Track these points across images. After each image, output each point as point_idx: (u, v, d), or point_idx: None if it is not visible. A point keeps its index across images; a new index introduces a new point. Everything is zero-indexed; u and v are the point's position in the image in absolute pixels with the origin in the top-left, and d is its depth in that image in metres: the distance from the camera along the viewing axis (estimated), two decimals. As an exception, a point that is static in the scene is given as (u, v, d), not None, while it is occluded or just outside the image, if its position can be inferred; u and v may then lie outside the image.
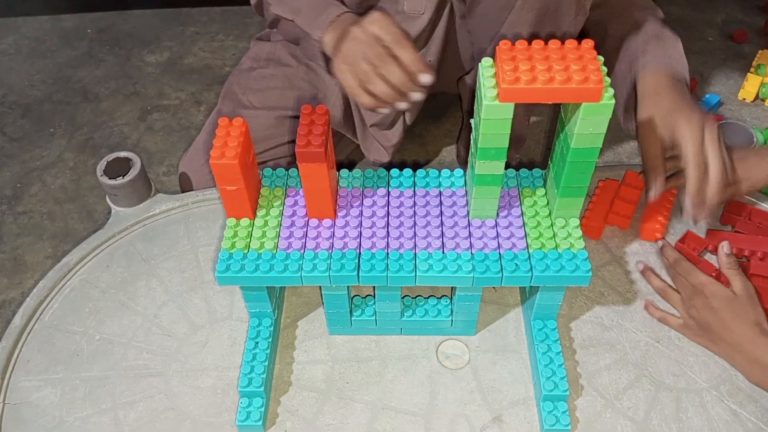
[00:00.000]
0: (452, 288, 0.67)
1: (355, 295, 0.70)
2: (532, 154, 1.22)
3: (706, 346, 0.67)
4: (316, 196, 0.61)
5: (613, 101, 0.51)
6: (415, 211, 0.63)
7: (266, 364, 0.64)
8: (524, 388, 0.66)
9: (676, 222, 0.79)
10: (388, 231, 0.62)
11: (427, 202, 0.64)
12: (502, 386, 0.66)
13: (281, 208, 0.64)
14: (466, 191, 0.65)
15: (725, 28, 1.74)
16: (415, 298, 0.69)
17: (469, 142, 0.62)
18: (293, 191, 0.66)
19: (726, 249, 0.69)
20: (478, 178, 0.58)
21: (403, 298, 0.68)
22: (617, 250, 0.78)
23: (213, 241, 0.80)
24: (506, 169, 0.61)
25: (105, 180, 0.80)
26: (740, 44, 1.70)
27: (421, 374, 0.67)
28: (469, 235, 0.61)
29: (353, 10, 0.82)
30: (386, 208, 0.64)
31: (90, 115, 1.49)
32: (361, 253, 0.60)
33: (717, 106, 1.53)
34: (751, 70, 1.53)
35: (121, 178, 0.80)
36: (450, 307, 0.68)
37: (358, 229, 0.62)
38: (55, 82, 1.59)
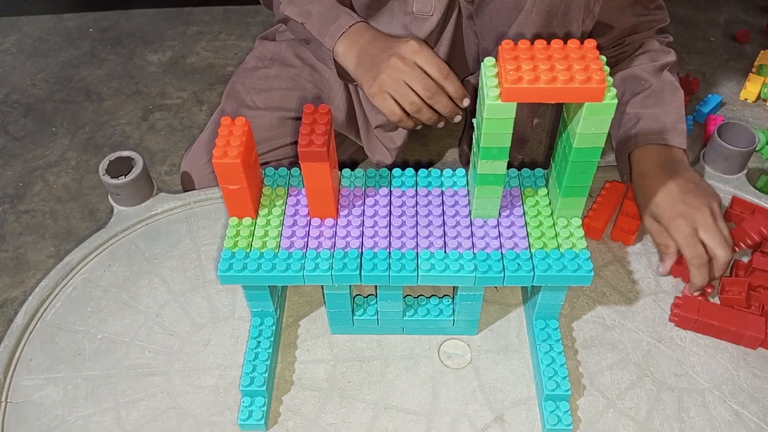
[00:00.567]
0: (454, 288, 0.67)
1: (357, 295, 0.70)
2: (534, 154, 1.22)
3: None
4: (318, 195, 0.61)
5: (616, 101, 0.51)
6: (417, 211, 0.63)
7: (268, 363, 0.64)
8: (526, 387, 0.66)
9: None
10: (390, 230, 0.62)
11: (429, 202, 0.64)
12: (504, 386, 0.66)
13: (283, 208, 0.64)
14: (468, 191, 0.65)
15: (728, 28, 1.74)
16: (417, 298, 0.70)
17: (471, 141, 0.62)
18: (295, 191, 0.66)
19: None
20: (481, 178, 0.58)
21: (405, 298, 0.68)
22: (619, 250, 0.78)
23: (215, 241, 0.80)
24: (508, 168, 0.61)
25: (107, 179, 0.80)
26: (742, 44, 1.69)
27: (423, 374, 0.67)
28: (471, 235, 0.61)
29: (363, 11, 0.83)
30: (388, 208, 0.64)
31: (92, 115, 1.49)
32: (363, 253, 0.60)
33: (719, 106, 1.53)
34: (753, 70, 1.52)
35: (124, 177, 0.80)
36: (452, 306, 0.68)
37: (361, 229, 0.62)
38: (58, 81, 1.59)
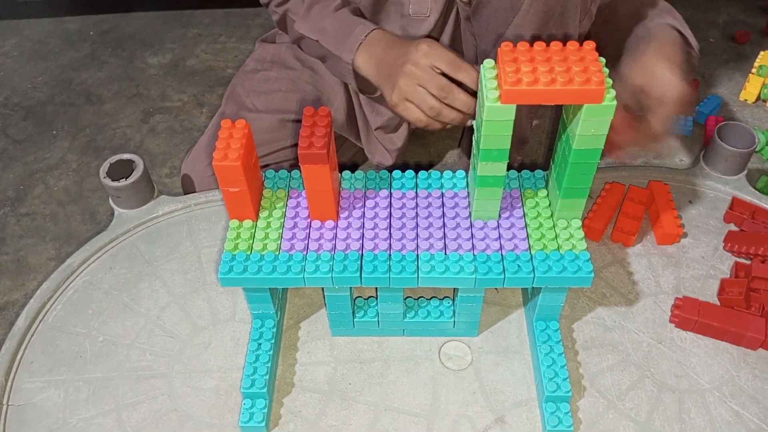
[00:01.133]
0: (454, 289, 0.68)
1: (357, 297, 0.70)
2: (533, 155, 1.22)
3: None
4: (318, 197, 0.61)
5: (615, 102, 0.51)
6: (417, 213, 0.64)
7: (269, 365, 0.64)
8: (527, 389, 0.66)
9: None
10: (390, 232, 0.62)
11: (429, 204, 0.64)
12: (505, 387, 0.66)
13: (284, 210, 0.64)
14: (468, 192, 0.65)
15: (727, 29, 1.74)
16: (418, 300, 0.70)
17: (470, 144, 0.62)
18: (296, 193, 0.66)
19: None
20: (480, 180, 0.58)
21: (406, 300, 0.68)
22: (619, 251, 0.78)
23: (216, 243, 0.80)
24: (508, 170, 0.61)
25: (108, 182, 0.80)
26: (742, 45, 1.70)
27: (424, 375, 0.67)
28: (472, 237, 0.61)
29: (368, 13, 0.82)
30: (388, 210, 0.64)
31: (93, 117, 1.49)
32: (363, 255, 0.60)
33: (718, 107, 1.53)
34: (753, 71, 1.52)
35: (124, 179, 0.80)
36: (452, 308, 0.68)
37: (361, 231, 0.62)
38: (58, 84, 1.59)
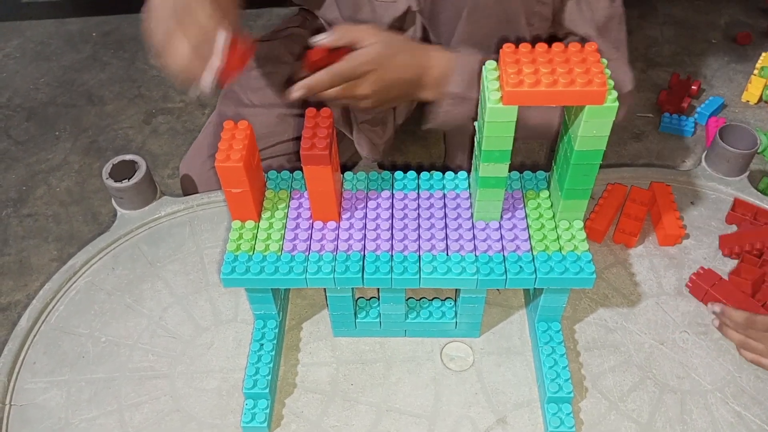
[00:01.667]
0: (456, 290, 0.68)
1: (359, 297, 0.70)
2: (535, 157, 1.22)
3: None
4: (320, 198, 0.61)
5: (617, 104, 0.52)
6: (419, 214, 0.64)
7: (271, 366, 0.64)
8: (528, 390, 0.66)
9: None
10: (392, 233, 0.62)
11: (431, 205, 0.64)
12: (507, 388, 0.66)
13: (286, 211, 0.64)
14: (470, 193, 0.65)
15: (728, 31, 1.74)
16: (420, 300, 0.70)
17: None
18: (298, 194, 0.66)
19: (716, 309, 0.69)
20: (482, 181, 0.58)
21: (408, 300, 0.68)
22: (621, 252, 0.78)
23: (218, 244, 0.80)
24: (510, 171, 0.61)
25: (110, 183, 0.80)
26: (743, 46, 1.70)
27: (426, 376, 0.67)
28: (473, 238, 0.61)
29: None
30: (390, 211, 0.64)
31: (95, 118, 1.50)
32: (365, 256, 0.60)
33: (720, 108, 1.53)
34: (755, 72, 1.53)
35: (127, 180, 0.80)
36: (454, 309, 0.68)
37: (363, 232, 0.62)
38: (60, 86, 1.59)
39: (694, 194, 0.84)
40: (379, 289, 0.65)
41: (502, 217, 0.63)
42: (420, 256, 0.60)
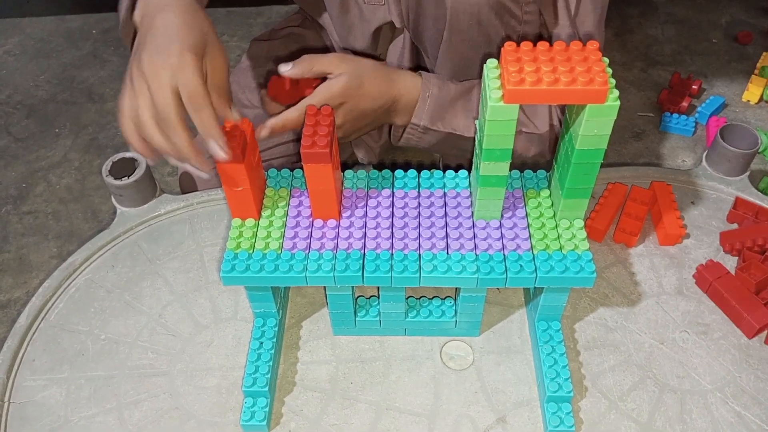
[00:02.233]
0: (456, 289, 0.68)
1: (359, 296, 0.70)
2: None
3: None
4: (320, 196, 0.61)
5: (618, 102, 0.51)
6: (419, 212, 0.64)
7: (270, 364, 0.64)
8: (528, 389, 0.66)
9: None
10: (392, 232, 0.62)
11: (432, 203, 0.64)
12: (506, 387, 0.66)
13: (286, 209, 0.64)
14: (471, 192, 0.65)
15: (729, 30, 1.74)
16: (420, 299, 0.70)
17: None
18: (298, 192, 0.66)
19: None
20: (483, 179, 0.58)
21: (408, 299, 0.68)
22: (621, 251, 0.78)
23: (218, 242, 0.80)
24: (510, 170, 0.61)
25: (110, 180, 0.80)
26: (744, 46, 1.69)
27: (425, 375, 0.67)
28: (474, 236, 0.61)
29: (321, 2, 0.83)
30: (391, 209, 0.64)
31: (95, 116, 1.50)
32: (365, 254, 0.60)
33: (721, 107, 1.53)
34: (756, 72, 1.52)
35: (127, 178, 0.80)
36: (454, 308, 0.68)
37: (363, 230, 0.62)
38: (60, 83, 1.59)
39: (695, 194, 0.84)
40: (379, 288, 0.65)
41: (502, 215, 0.63)
42: (420, 255, 0.60)
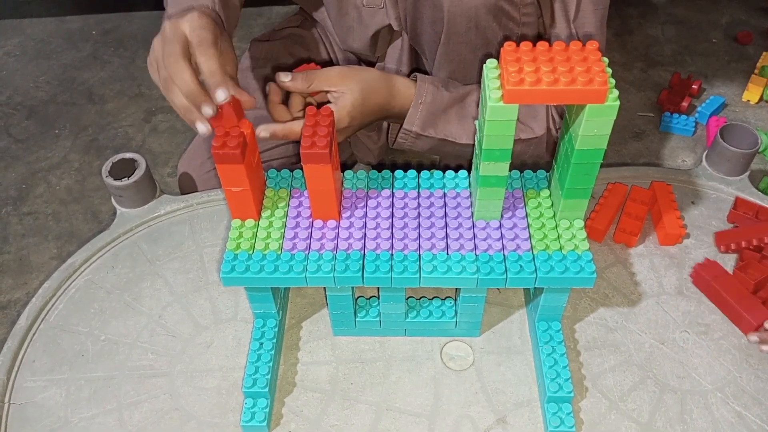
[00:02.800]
0: (456, 289, 0.67)
1: (359, 296, 0.70)
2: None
3: None
4: (320, 197, 0.61)
5: (618, 102, 0.51)
6: (419, 213, 0.64)
7: (271, 364, 0.64)
8: (528, 389, 0.66)
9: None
10: (392, 232, 0.62)
11: (432, 204, 0.64)
12: (507, 388, 0.66)
13: (286, 209, 0.64)
14: (470, 192, 0.65)
15: (729, 30, 1.74)
16: (420, 300, 0.70)
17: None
18: (298, 192, 0.66)
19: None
20: (483, 180, 0.58)
21: (408, 300, 0.68)
22: (621, 251, 0.78)
23: (218, 242, 0.80)
24: (510, 170, 0.61)
25: (110, 181, 0.80)
26: (744, 46, 1.69)
27: (426, 375, 0.67)
28: (474, 237, 0.61)
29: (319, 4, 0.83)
30: (391, 210, 0.64)
31: (95, 117, 1.50)
32: (365, 254, 0.60)
33: (721, 107, 1.53)
34: (756, 71, 1.52)
35: (127, 179, 0.80)
36: (454, 308, 0.68)
37: (363, 230, 0.62)
38: (60, 84, 1.59)
39: (695, 194, 0.84)
40: (379, 288, 0.65)
41: (502, 216, 0.63)
42: (420, 255, 0.60)
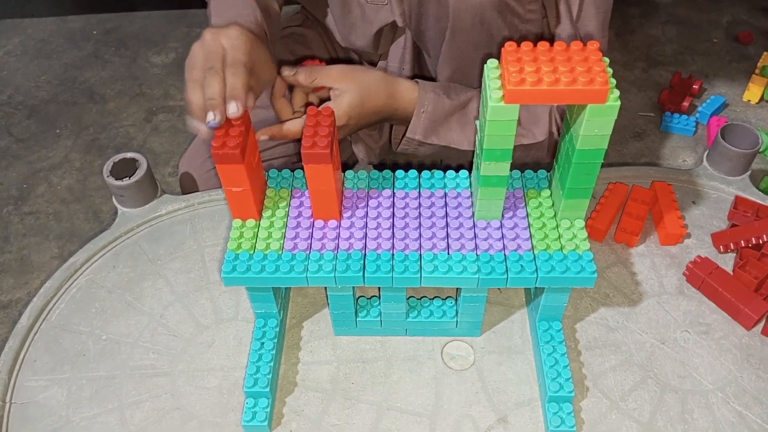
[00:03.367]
0: (457, 289, 0.68)
1: (360, 296, 0.70)
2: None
3: None
4: (321, 197, 0.61)
5: (619, 102, 0.51)
6: (420, 213, 0.64)
7: (272, 364, 0.64)
8: (529, 389, 0.66)
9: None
10: (393, 232, 0.62)
11: (432, 203, 0.64)
12: (508, 387, 0.66)
13: (287, 209, 0.64)
14: (471, 192, 0.65)
15: (730, 30, 1.74)
16: (421, 299, 0.70)
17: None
18: (299, 192, 0.66)
19: None
20: (484, 180, 0.58)
21: (409, 299, 0.68)
22: (622, 251, 0.78)
23: (219, 242, 0.80)
24: (511, 170, 0.61)
25: (111, 181, 0.80)
26: (745, 46, 1.69)
27: (427, 375, 0.67)
28: (475, 237, 0.61)
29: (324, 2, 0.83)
30: (391, 209, 0.64)
31: (96, 116, 1.50)
32: (366, 254, 0.60)
33: (722, 107, 1.53)
34: (756, 71, 1.52)
35: (128, 178, 0.80)
36: (455, 308, 0.68)
37: (364, 230, 0.62)
38: (62, 83, 1.59)
39: (696, 193, 0.84)
40: (380, 288, 0.65)
41: (503, 216, 0.63)
42: (421, 255, 0.60)
